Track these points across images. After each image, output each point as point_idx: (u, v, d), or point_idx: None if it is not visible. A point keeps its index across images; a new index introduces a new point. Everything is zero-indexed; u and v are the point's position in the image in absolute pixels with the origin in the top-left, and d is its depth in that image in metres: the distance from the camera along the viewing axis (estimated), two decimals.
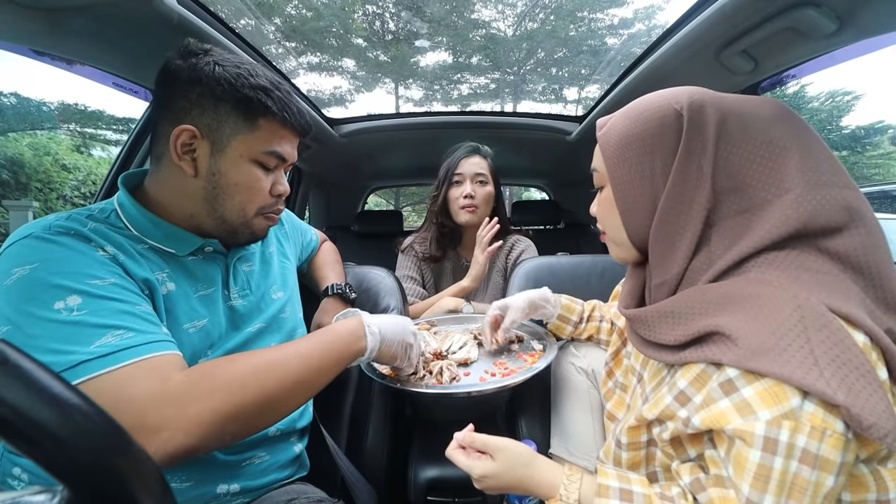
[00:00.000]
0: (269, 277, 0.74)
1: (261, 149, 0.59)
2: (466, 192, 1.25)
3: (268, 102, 0.57)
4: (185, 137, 0.55)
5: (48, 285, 0.46)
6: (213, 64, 0.55)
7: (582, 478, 0.51)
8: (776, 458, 0.38)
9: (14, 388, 0.20)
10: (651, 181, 0.51)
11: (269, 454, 0.66)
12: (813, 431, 0.37)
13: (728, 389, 0.42)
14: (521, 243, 1.37)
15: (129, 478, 0.23)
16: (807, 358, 0.38)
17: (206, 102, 0.55)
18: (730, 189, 0.48)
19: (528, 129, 1.81)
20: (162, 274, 0.57)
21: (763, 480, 0.38)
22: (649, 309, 0.53)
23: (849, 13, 0.71)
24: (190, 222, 0.60)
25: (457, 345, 0.86)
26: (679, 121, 0.49)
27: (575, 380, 0.82)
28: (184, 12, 0.82)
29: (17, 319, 0.45)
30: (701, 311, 0.46)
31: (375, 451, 0.85)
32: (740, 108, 0.49)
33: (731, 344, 0.42)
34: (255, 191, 0.60)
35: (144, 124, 1.15)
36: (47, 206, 7.19)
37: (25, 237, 0.49)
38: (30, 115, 8.00)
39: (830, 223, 0.44)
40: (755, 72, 0.94)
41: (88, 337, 0.45)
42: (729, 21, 0.82)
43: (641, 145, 0.51)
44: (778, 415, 0.38)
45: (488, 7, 11.19)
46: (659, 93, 0.54)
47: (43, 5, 0.70)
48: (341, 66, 11.63)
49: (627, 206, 0.54)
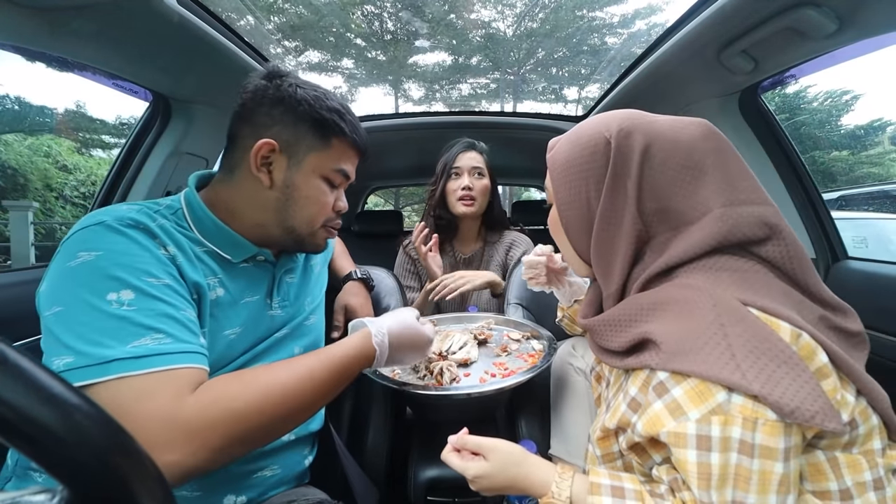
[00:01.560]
0: (307, 289, 0.77)
1: (331, 166, 0.63)
2: (465, 184, 1.28)
3: (341, 124, 0.62)
4: (266, 150, 0.59)
5: (106, 275, 0.47)
6: (295, 86, 0.60)
7: (574, 476, 0.51)
8: (712, 453, 0.39)
9: (14, 387, 0.20)
10: (587, 204, 0.55)
11: (281, 467, 0.66)
12: (745, 422, 0.38)
13: (660, 391, 0.43)
14: (521, 242, 1.38)
15: (130, 478, 0.22)
16: (724, 353, 0.39)
17: (287, 120, 0.60)
18: (655, 210, 0.51)
19: (528, 129, 1.81)
20: (214, 279, 0.59)
21: (705, 478, 0.39)
22: (598, 318, 0.57)
23: (849, 13, 0.71)
24: (255, 230, 0.63)
25: (457, 345, 0.86)
26: (608, 148, 0.53)
27: (574, 380, 0.82)
28: (184, 12, 0.82)
29: (69, 302, 0.46)
30: (635, 318, 0.49)
31: (376, 452, 0.85)
32: (667, 132, 0.52)
33: (656, 348, 0.44)
34: (322, 204, 0.64)
35: (144, 124, 1.15)
36: (46, 206, 7.20)
37: (98, 224, 0.51)
38: (30, 116, 8.00)
39: (749, 237, 0.47)
40: (755, 72, 0.94)
41: (129, 335, 0.45)
42: (729, 21, 0.82)
43: (578, 170, 0.56)
44: (706, 412, 0.39)
45: (488, 7, 11.19)
46: (598, 118, 0.57)
47: (43, 5, 0.70)
48: (341, 65, 11.64)
49: (570, 225, 0.59)
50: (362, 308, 0.89)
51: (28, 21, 0.71)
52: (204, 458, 0.44)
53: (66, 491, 0.20)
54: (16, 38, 0.76)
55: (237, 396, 0.47)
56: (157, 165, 1.14)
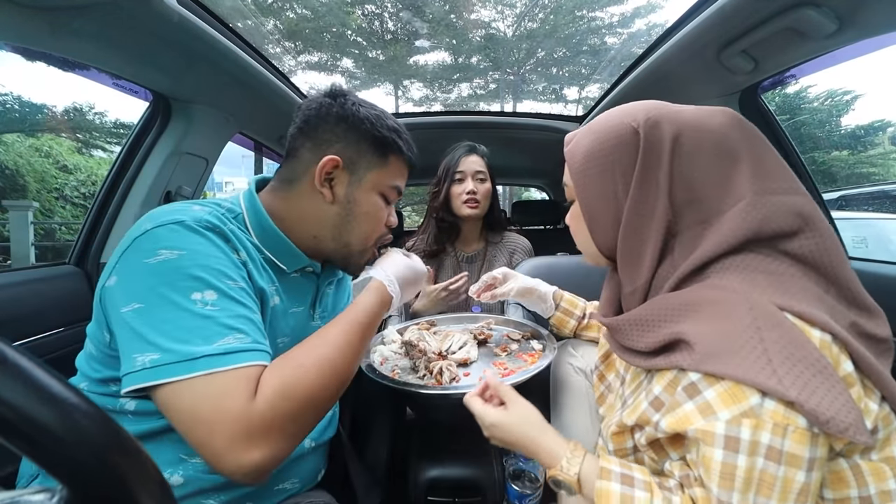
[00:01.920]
0: (341, 299, 0.80)
1: (388, 183, 0.65)
2: (469, 188, 1.31)
3: (399, 142, 0.64)
4: (330, 166, 0.60)
5: (190, 275, 0.47)
6: (357, 105, 0.63)
7: (585, 456, 0.52)
8: (739, 455, 0.39)
9: (13, 387, 0.20)
10: (613, 196, 0.53)
11: (300, 480, 0.66)
12: (776, 428, 0.37)
13: (692, 392, 0.43)
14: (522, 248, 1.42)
15: (129, 477, 0.23)
16: (760, 357, 0.39)
17: (351, 137, 0.61)
18: (687, 201, 0.49)
19: (528, 128, 1.81)
20: (272, 287, 0.60)
21: (729, 479, 0.39)
22: (622, 318, 0.55)
23: (849, 13, 0.71)
24: (309, 243, 0.64)
25: (457, 345, 0.86)
26: (636, 138, 0.51)
27: (573, 380, 0.82)
28: (184, 12, 0.82)
29: (150, 300, 0.46)
30: (666, 319, 0.48)
31: (375, 451, 0.85)
32: (695, 121, 0.51)
33: (689, 349, 0.43)
34: (378, 220, 0.66)
35: (144, 124, 1.15)
36: (46, 207, 7.19)
37: (177, 223, 0.50)
38: (30, 116, 8.00)
39: (783, 228, 0.46)
40: (755, 72, 0.94)
41: (214, 334, 0.46)
42: (729, 21, 0.82)
43: (602, 162, 0.54)
44: (738, 413, 0.39)
45: (488, 7, 11.19)
46: (619, 109, 0.56)
47: (43, 5, 0.70)
48: (340, 65, 11.63)
49: (594, 220, 0.57)
50: None
51: (28, 21, 0.72)
52: (283, 447, 0.46)
53: (66, 490, 0.20)
54: (16, 38, 0.77)
55: (296, 382, 0.48)
56: (157, 165, 1.14)
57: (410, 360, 0.83)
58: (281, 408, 0.46)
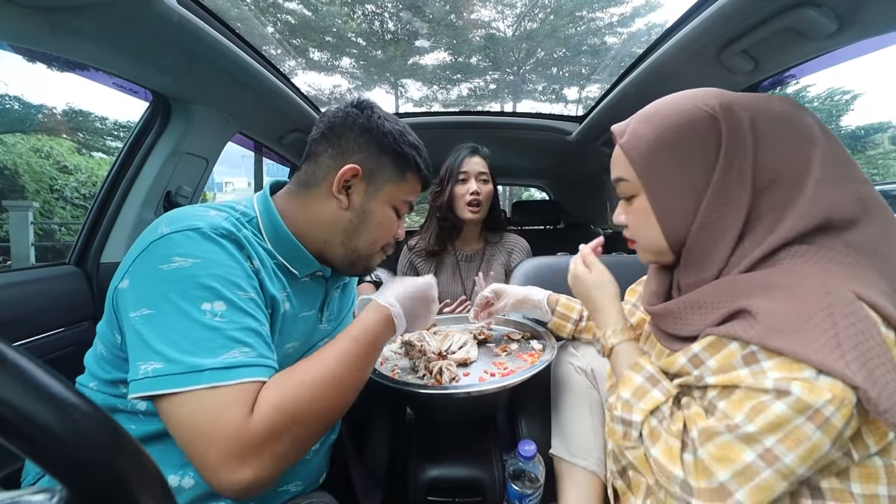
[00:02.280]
0: (347, 302, 0.81)
1: (402, 197, 0.67)
2: (473, 189, 1.32)
3: (418, 160, 0.66)
4: (349, 175, 0.61)
5: (202, 285, 0.47)
6: (383, 119, 0.64)
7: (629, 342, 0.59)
8: (778, 402, 0.40)
9: (13, 387, 0.20)
10: (689, 187, 0.51)
11: (304, 483, 0.67)
12: (833, 399, 0.38)
13: (749, 360, 0.43)
14: (521, 249, 1.43)
15: (129, 477, 0.22)
16: (830, 340, 0.39)
17: (373, 149, 0.62)
18: (765, 187, 0.49)
19: (528, 129, 1.81)
20: (283, 293, 0.60)
21: (756, 413, 0.41)
22: (679, 300, 0.53)
23: (849, 13, 0.71)
24: (319, 247, 0.64)
25: (456, 345, 0.86)
26: (715, 125, 0.49)
27: (574, 380, 0.82)
28: (184, 12, 0.82)
29: (161, 307, 0.46)
30: (730, 298, 0.47)
31: (376, 451, 0.85)
32: (763, 105, 0.50)
33: (752, 321, 0.43)
34: (388, 231, 0.67)
35: (144, 124, 1.15)
36: (46, 206, 7.19)
37: (193, 229, 0.50)
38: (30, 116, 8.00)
39: (846, 215, 0.46)
40: (755, 72, 0.94)
41: (220, 347, 0.46)
42: (729, 21, 0.82)
43: (676, 152, 0.51)
44: (789, 376, 0.40)
45: (488, 7, 11.19)
46: (680, 96, 0.54)
47: (43, 5, 0.70)
48: (340, 65, 11.63)
49: (667, 213, 0.54)
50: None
51: (28, 21, 0.71)
52: (276, 466, 0.45)
53: (66, 490, 0.20)
54: (16, 38, 0.76)
55: (295, 398, 0.47)
56: (157, 165, 1.14)
57: (410, 360, 0.83)
58: (277, 425, 0.45)
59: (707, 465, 0.44)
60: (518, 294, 0.90)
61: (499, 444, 0.86)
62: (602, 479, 0.73)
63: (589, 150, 1.77)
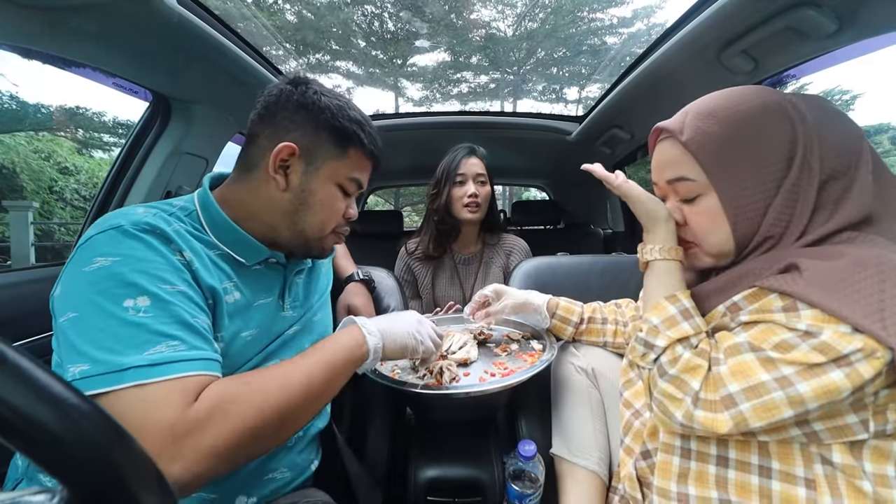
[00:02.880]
0: (316, 287, 0.78)
1: (346, 174, 0.64)
2: (471, 191, 1.30)
3: (361, 135, 0.63)
4: (285, 153, 0.59)
5: (123, 281, 0.47)
6: (319, 94, 0.61)
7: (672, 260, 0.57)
8: (804, 343, 0.41)
9: (13, 387, 0.20)
10: (763, 184, 0.51)
11: (290, 470, 0.66)
12: (864, 348, 0.39)
13: (789, 308, 0.44)
14: (519, 249, 1.41)
15: (129, 477, 0.22)
16: (873, 304, 0.39)
17: (309, 126, 0.60)
18: (826, 181, 0.49)
19: (528, 129, 1.81)
20: (229, 283, 0.59)
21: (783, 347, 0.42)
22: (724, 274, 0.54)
23: (849, 13, 0.71)
24: (266, 232, 0.63)
25: (457, 345, 0.86)
26: (787, 120, 0.50)
27: (575, 380, 0.82)
28: (184, 12, 0.82)
29: (84, 308, 0.46)
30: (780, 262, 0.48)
31: (375, 451, 0.85)
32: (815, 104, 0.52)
33: (798, 276, 0.44)
34: (335, 211, 0.65)
35: (144, 124, 1.15)
36: (46, 207, 7.19)
37: (114, 228, 0.50)
38: (29, 116, 7.99)
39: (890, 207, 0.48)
40: (755, 72, 0.94)
41: (145, 342, 0.45)
42: (729, 21, 0.82)
43: (749, 149, 0.51)
44: (823, 324, 0.40)
45: (488, 7, 11.19)
46: (743, 91, 0.53)
47: (43, 5, 0.70)
48: (340, 66, 11.63)
49: (739, 212, 0.52)
50: (364, 308, 0.90)
51: (28, 21, 0.71)
52: (209, 466, 0.43)
53: (66, 491, 0.20)
54: (16, 38, 0.76)
55: (237, 398, 0.47)
56: (157, 165, 1.14)
57: (410, 360, 0.83)
58: (213, 422, 0.44)
59: (721, 377, 0.46)
60: (518, 297, 0.89)
61: (499, 444, 0.86)
62: (603, 479, 0.73)
63: (589, 150, 1.78)
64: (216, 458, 0.44)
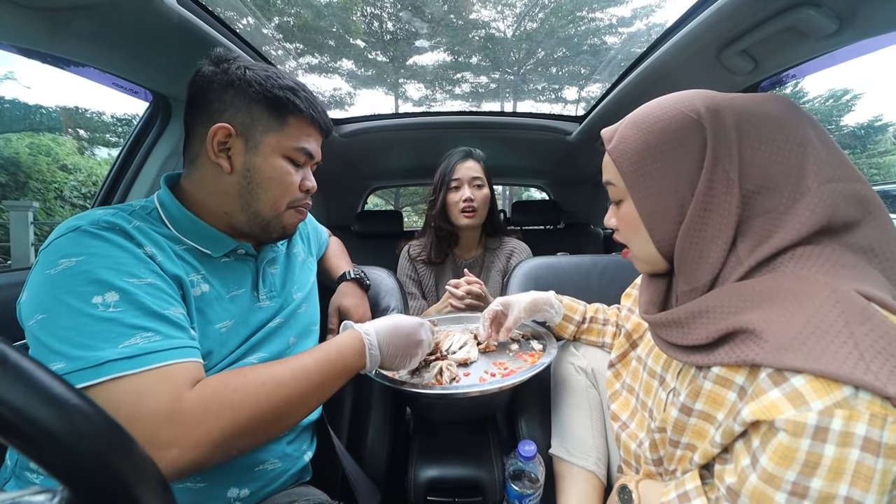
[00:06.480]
0: (293, 278, 0.77)
1: (291, 145, 0.62)
2: (466, 196, 1.28)
3: (296, 101, 0.61)
4: (221, 135, 0.58)
5: (89, 279, 0.47)
6: (244, 68, 0.59)
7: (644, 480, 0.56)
8: (827, 445, 0.37)
9: (14, 387, 0.20)
10: (675, 192, 0.51)
11: (281, 461, 0.66)
12: (873, 419, 0.36)
13: (778, 380, 0.40)
14: (521, 251, 1.40)
15: (130, 477, 0.22)
16: (851, 352, 0.37)
17: (240, 103, 0.59)
18: (755, 191, 0.48)
19: (528, 129, 1.81)
20: (196, 275, 0.59)
21: (811, 467, 0.37)
22: (681, 309, 0.52)
23: (849, 13, 0.71)
24: (224, 220, 0.63)
25: (457, 345, 0.86)
26: (699, 129, 0.49)
27: (574, 380, 0.82)
28: (184, 12, 0.82)
29: (53, 309, 0.46)
30: (735, 309, 0.45)
31: (375, 451, 0.85)
32: (752, 108, 0.49)
33: (758, 341, 0.42)
34: (287, 185, 0.63)
35: (144, 124, 1.15)
36: (46, 206, 7.19)
37: (74, 230, 0.50)
38: (29, 116, 8.00)
39: (848, 218, 0.45)
40: (755, 72, 0.94)
41: (118, 336, 0.45)
42: (729, 21, 0.82)
43: (661, 157, 0.51)
44: (830, 404, 0.37)
45: (488, 7, 11.19)
46: (668, 99, 0.53)
47: (43, 5, 0.70)
48: (340, 66, 11.63)
49: (654, 219, 0.53)
50: (356, 308, 0.87)
51: (28, 21, 0.71)
52: (204, 452, 0.44)
53: (66, 491, 0.20)
54: (16, 39, 0.76)
55: (236, 389, 0.47)
56: (157, 165, 1.14)
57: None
58: (210, 409, 0.45)
59: None
60: (526, 300, 0.86)
61: (499, 444, 0.86)
62: (601, 479, 0.73)
63: (589, 150, 1.77)
64: (211, 446, 0.45)
